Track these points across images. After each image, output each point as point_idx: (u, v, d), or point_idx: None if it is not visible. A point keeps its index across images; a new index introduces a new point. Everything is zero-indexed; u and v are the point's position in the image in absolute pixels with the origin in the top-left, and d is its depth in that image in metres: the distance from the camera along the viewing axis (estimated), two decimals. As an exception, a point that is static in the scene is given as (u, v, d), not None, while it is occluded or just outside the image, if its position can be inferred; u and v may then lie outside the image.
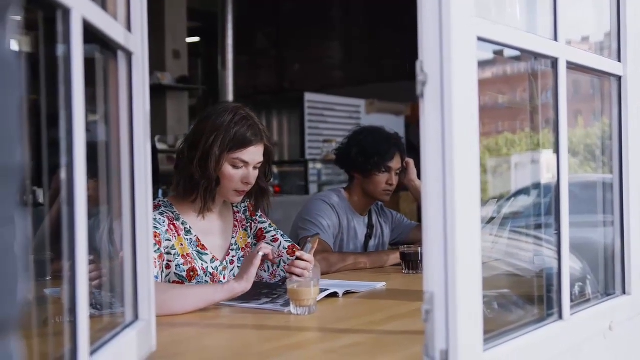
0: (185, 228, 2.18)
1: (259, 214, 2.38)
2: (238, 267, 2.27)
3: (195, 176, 2.13)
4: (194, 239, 2.19)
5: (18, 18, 0.61)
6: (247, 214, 2.37)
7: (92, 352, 1.05)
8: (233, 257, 2.29)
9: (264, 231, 2.36)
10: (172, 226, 2.15)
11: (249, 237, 2.35)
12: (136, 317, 1.33)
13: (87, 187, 1.01)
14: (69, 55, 0.95)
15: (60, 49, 0.96)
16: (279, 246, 2.30)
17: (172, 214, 2.18)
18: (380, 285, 2.33)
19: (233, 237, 2.31)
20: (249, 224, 2.37)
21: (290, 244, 2.33)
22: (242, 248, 2.32)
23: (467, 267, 1.16)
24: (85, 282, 0.99)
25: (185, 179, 2.16)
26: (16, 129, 0.57)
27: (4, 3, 0.57)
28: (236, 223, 2.33)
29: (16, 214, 0.57)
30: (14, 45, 0.59)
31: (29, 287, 0.61)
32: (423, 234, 1.16)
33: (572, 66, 1.53)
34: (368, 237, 3.09)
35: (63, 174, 0.96)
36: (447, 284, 1.14)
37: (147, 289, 1.35)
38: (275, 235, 2.35)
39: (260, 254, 1.95)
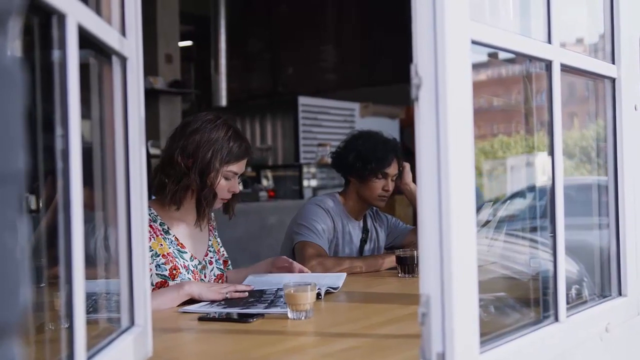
0: (163, 229, 2.26)
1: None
2: (217, 267, 2.39)
3: (193, 187, 2.23)
4: (173, 238, 2.27)
5: (19, 25, 0.61)
6: (215, 224, 2.49)
7: (89, 358, 1.04)
8: (211, 258, 2.39)
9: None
10: (149, 228, 2.18)
11: (219, 245, 2.47)
12: (132, 322, 1.33)
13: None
14: (64, 61, 0.95)
15: (55, 54, 0.95)
16: (211, 270, 2.38)
17: (150, 215, 2.22)
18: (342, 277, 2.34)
19: (209, 240, 2.42)
20: (216, 232, 2.48)
21: (220, 273, 2.41)
22: (217, 251, 2.43)
23: (463, 270, 1.16)
24: (82, 289, 0.98)
25: (181, 189, 2.22)
26: (19, 136, 0.57)
27: (5, 11, 0.57)
28: (211, 228, 2.45)
29: (18, 219, 0.57)
30: (16, 53, 0.59)
31: (30, 292, 0.61)
32: (418, 236, 1.16)
33: (566, 68, 1.54)
34: (363, 241, 3.08)
35: (59, 180, 0.95)
36: (443, 287, 1.14)
37: (143, 294, 1.35)
38: (212, 257, 2.44)
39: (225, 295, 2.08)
